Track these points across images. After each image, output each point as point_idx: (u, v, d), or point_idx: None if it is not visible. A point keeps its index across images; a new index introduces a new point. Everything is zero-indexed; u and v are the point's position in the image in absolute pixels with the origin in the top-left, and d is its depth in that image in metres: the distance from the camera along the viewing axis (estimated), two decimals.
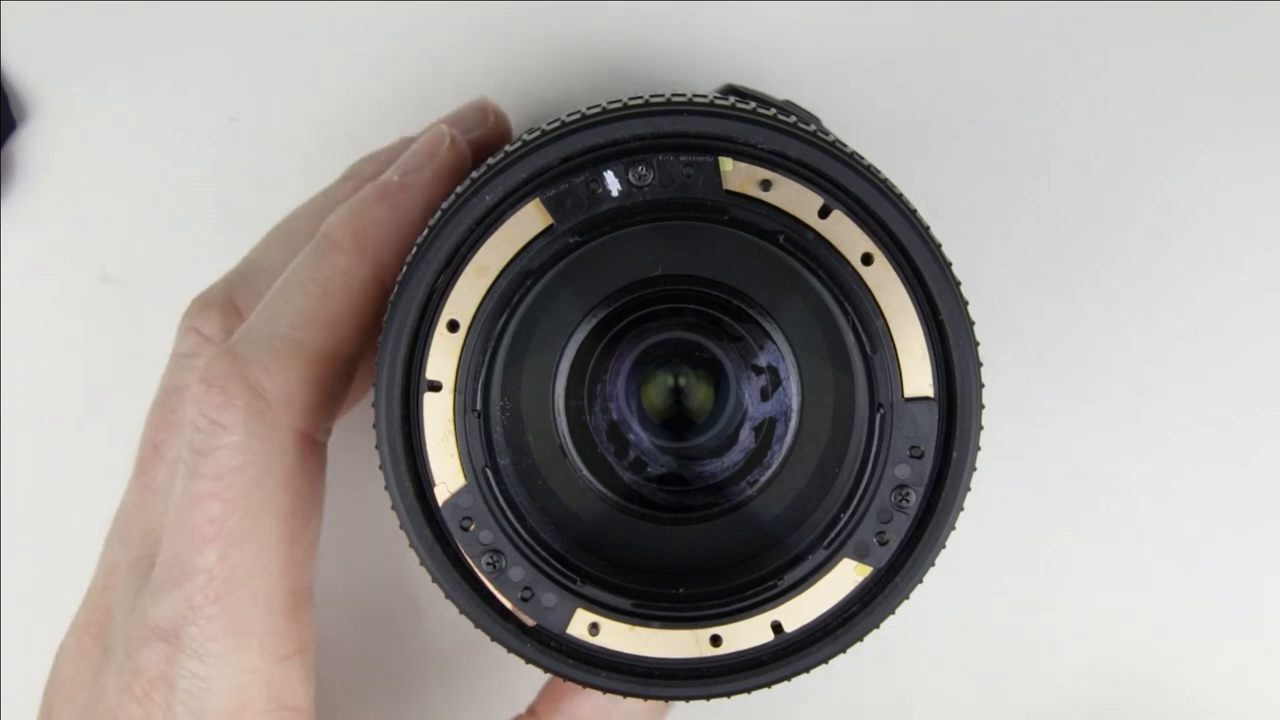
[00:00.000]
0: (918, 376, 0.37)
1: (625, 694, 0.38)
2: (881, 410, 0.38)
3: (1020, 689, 0.55)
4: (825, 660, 0.38)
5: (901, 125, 0.54)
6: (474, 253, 0.38)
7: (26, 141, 0.56)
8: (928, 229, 0.38)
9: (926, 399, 0.37)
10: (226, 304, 0.47)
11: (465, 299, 0.38)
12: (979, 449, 0.38)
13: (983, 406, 0.38)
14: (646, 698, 0.38)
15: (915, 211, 0.38)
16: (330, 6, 0.55)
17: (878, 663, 0.55)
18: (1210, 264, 0.54)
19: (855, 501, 0.38)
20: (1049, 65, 0.54)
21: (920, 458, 0.38)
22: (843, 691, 0.55)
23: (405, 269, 0.38)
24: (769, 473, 0.40)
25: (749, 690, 0.39)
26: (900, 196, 0.38)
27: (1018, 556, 0.55)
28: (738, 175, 0.37)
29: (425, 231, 0.38)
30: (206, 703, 0.41)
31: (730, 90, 0.44)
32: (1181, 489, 0.54)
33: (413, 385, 0.38)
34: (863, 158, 0.39)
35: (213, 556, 0.41)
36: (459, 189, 0.39)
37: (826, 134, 0.39)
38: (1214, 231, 0.54)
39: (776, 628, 0.38)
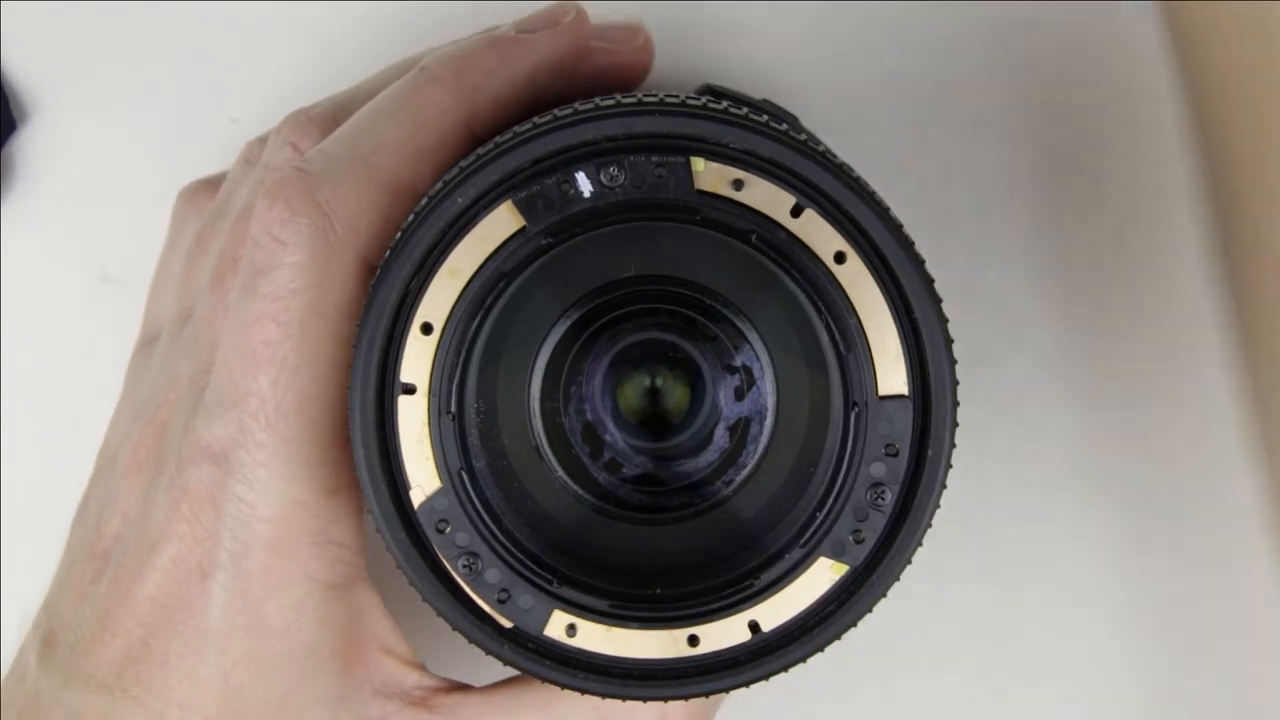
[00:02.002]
0: (892, 375, 0.37)
1: (603, 695, 0.38)
2: (856, 409, 0.38)
3: (1021, 689, 0.55)
4: (803, 659, 0.38)
5: (901, 125, 0.54)
6: (446, 255, 0.37)
7: (26, 141, 0.57)
8: (900, 227, 0.38)
9: (901, 397, 0.37)
10: (330, 123, 0.45)
11: (438, 301, 0.38)
12: (954, 446, 0.38)
13: (957, 404, 0.37)
14: (624, 698, 0.38)
15: (888, 210, 0.38)
16: (330, 6, 0.55)
17: (878, 664, 0.55)
18: (1213, 264, 0.53)
19: (831, 500, 0.38)
20: (1046, 64, 0.53)
21: (895, 456, 0.37)
22: (842, 693, 0.55)
23: (378, 272, 0.38)
24: (744, 472, 0.40)
25: (727, 690, 0.38)
26: (873, 195, 0.38)
27: (1018, 557, 0.54)
28: (709, 175, 0.37)
29: (398, 234, 0.38)
30: (252, 530, 0.40)
31: (707, 90, 0.43)
32: (1182, 488, 0.54)
33: (387, 388, 0.38)
34: (835, 156, 0.38)
35: (266, 381, 0.40)
36: (431, 191, 0.39)
37: (800, 133, 0.39)
38: (1218, 230, 0.53)
39: (754, 627, 0.38)
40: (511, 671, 0.39)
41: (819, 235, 0.37)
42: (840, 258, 0.37)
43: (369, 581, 0.43)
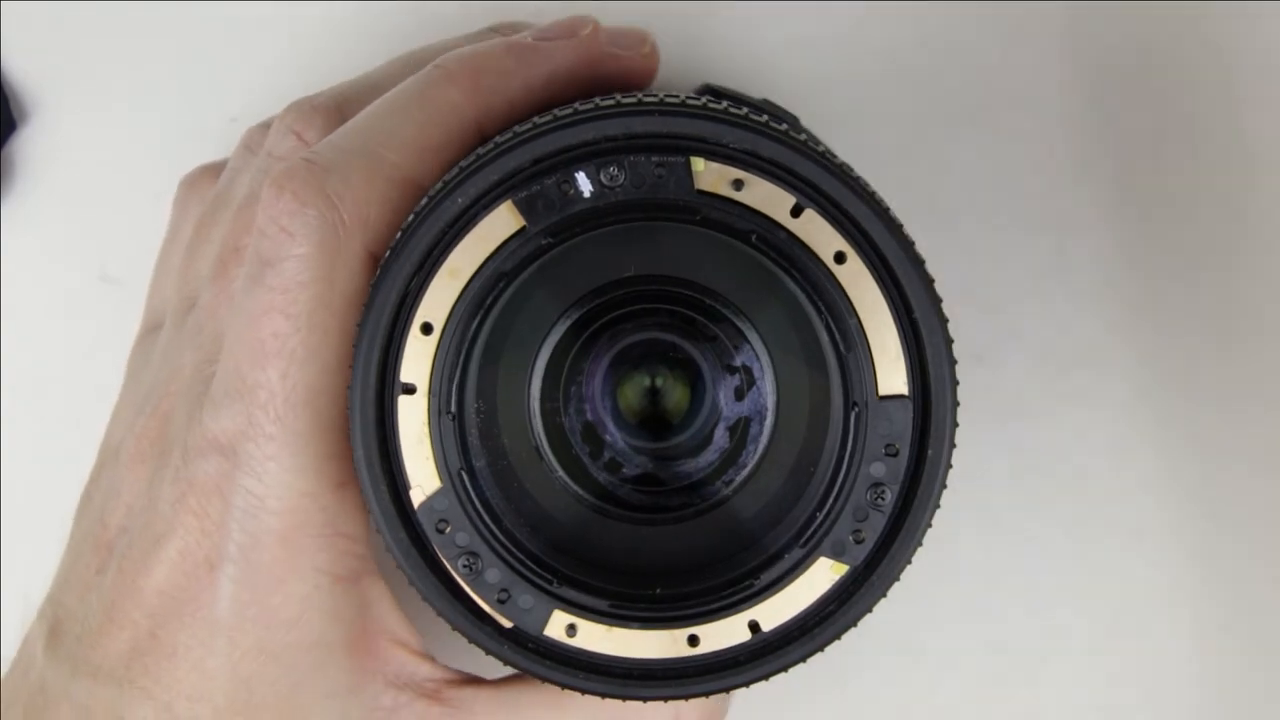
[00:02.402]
0: (892, 375, 0.37)
1: (603, 695, 0.38)
2: (856, 409, 0.38)
3: (1021, 690, 0.55)
4: (803, 659, 0.38)
5: (902, 124, 0.54)
6: (447, 255, 0.37)
7: (26, 141, 0.57)
8: (900, 227, 0.38)
9: (901, 397, 0.37)
10: (333, 113, 0.45)
11: (438, 301, 0.38)
12: (954, 446, 0.38)
13: (957, 404, 0.37)
14: (624, 698, 0.38)
15: (888, 210, 0.38)
16: (330, 6, 0.55)
17: (877, 664, 0.55)
18: (1211, 263, 0.53)
19: (831, 500, 0.38)
20: (1048, 64, 0.53)
21: (895, 456, 0.37)
22: (842, 694, 0.55)
23: (378, 272, 0.38)
24: (744, 472, 0.40)
25: (727, 690, 0.38)
26: (872, 195, 0.38)
27: (1018, 557, 0.54)
28: (709, 175, 0.37)
29: (398, 234, 0.38)
30: (261, 522, 0.40)
31: (707, 90, 0.43)
32: (1183, 488, 0.53)
33: (387, 388, 0.38)
34: (835, 156, 0.38)
35: (275, 373, 0.40)
36: (431, 190, 0.39)
37: (800, 133, 0.39)
38: (1215, 231, 0.53)
39: (754, 627, 0.38)
40: None
41: (819, 235, 0.37)
42: (840, 258, 0.37)
43: (378, 574, 0.43)
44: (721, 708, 0.43)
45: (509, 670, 0.40)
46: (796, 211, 0.37)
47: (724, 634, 0.38)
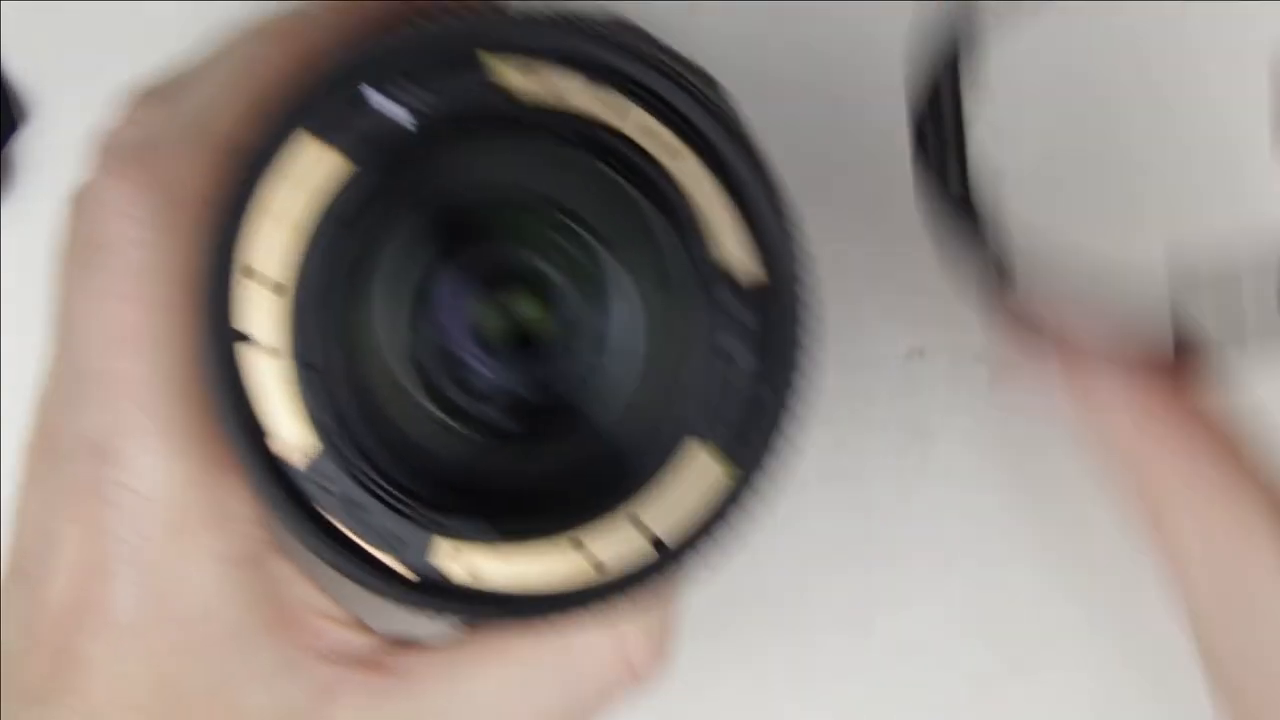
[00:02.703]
0: (742, 261, 0.37)
1: (513, 623, 0.38)
2: (708, 299, 0.37)
3: (1020, 689, 0.55)
4: (706, 561, 0.38)
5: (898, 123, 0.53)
6: (277, 207, 0.37)
7: (27, 142, 0.56)
8: (733, 118, 0.37)
9: (752, 283, 0.37)
10: (166, 94, 0.44)
11: (278, 255, 0.37)
12: (813, 323, 0.37)
13: (807, 283, 0.37)
14: (534, 624, 0.38)
15: (716, 103, 0.37)
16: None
17: (874, 657, 0.55)
18: None
19: (700, 396, 0.37)
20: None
21: (755, 343, 0.37)
22: (839, 694, 0.55)
23: (213, 231, 0.37)
24: (611, 382, 0.40)
25: (633, 600, 0.38)
26: (699, 89, 0.37)
27: (1018, 556, 0.54)
28: (528, 84, 0.36)
29: (227, 187, 0.38)
30: (145, 519, 0.39)
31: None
32: None
33: (239, 350, 0.37)
34: (665, 53, 0.38)
35: (128, 362, 0.39)
36: (253, 143, 0.38)
37: (625, 32, 0.38)
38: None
39: (649, 535, 0.38)
40: None
41: (650, 135, 0.37)
42: (673, 153, 0.37)
43: (281, 551, 0.42)
44: (665, 637, 0.42)
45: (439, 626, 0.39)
46: (623, 112, 0.36)
47: (618, 545, 0.38)
